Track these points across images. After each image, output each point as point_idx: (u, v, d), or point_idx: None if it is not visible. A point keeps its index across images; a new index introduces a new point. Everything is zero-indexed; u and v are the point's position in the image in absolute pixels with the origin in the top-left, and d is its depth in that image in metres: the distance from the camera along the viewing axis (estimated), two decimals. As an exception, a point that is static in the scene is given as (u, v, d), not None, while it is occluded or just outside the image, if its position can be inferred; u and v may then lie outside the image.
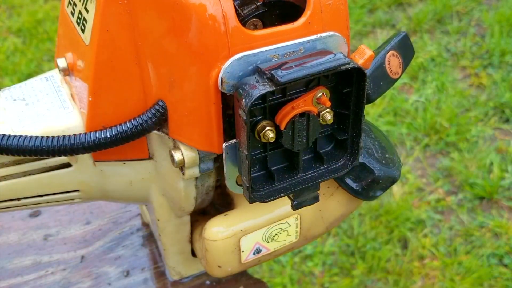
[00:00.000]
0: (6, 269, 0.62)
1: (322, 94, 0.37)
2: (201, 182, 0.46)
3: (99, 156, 0.43)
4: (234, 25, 0.35)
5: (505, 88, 1.71)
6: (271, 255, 0.51)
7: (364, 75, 0.37)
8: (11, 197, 0.45)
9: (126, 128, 0.40)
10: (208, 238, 0.47)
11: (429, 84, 1.74)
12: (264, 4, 0.39)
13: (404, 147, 1.54)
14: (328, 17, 0.38)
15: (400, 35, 0.49)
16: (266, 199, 0.39)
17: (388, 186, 0.47)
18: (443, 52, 1.88)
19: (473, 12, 2.06)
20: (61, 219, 0.68)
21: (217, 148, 0.39)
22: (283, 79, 0.34)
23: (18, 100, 0.44)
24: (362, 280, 1.23)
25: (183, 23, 0.35)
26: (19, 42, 1.99)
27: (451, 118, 1.60)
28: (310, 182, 0.41)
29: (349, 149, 0.41)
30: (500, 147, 1.54)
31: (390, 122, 1.61)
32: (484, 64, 1.83)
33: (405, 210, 1.36)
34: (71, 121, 0.42)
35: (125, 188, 0.47)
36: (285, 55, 0.36)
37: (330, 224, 0.52)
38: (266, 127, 0.37)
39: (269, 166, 0.40)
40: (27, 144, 0.39)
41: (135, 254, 0.63)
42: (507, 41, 1.87)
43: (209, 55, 0.35)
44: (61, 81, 0.46)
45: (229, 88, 0.36)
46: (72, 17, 0.43)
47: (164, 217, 0.51)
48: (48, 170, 0.44)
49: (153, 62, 0.39)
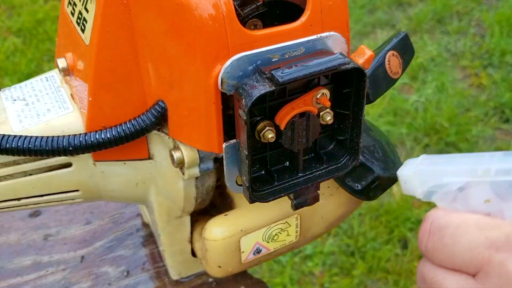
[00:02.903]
0: (6, 269, 0.62)
1: (322, 94, 0.37)
2: (201, 182, 0.46)
3: (99, 156, 0.43)
4: (234, 25, 0.35)
5: (505, 88, 1.71)
6: (271, 255, 0.51)
7: (364, 75, 0.37)
8: (11, 197, 0.45)
9: (126, 128, 0.40)
10: (208, 238, 0.47)
11: (429, 84, 1.74)
12: (264, 4, 0.39)
13: (404, 147, 1.54)
14: (328, 17, 0.38)
15: (400, 35, 0.49)
16: (266, 199, 0.39)
17: (388, 186, 0.47)
18: (443, 52, 1.88)
19: (473, 12, 2.06)
20: (61, 219, 0.68)
21: (217, 148, 0.39)
22: (283, 79, 0.34)
23: (18, 100, 0.44)
24: (362, 280, 1.23)
25: (183, 23, 0.35)
26: (19, 42, 1.99)
27: (451, 118, 1.60)
28: (310, 182, 0.41)
29: (349, 149, 0.41)
30: (500, 147, 1.53)
31: (390, 122, 1.61)
32: (484, 64, 1.83)
33: (405, 210, 1.36)
34: (71, 121, 0.42)
35: (125, 188, 0.47)
36: (285, 55, 0.36)
37: (330, 224, 0.52)
38: (266, 127, 0.37)
39: (269, 166, 0.40)
40: (27, 144, 0.39)
41: (135, 254, 0.63)
42: (507, 41, 1.87)
43: (209, 55, 0.35)
44: (61, 81, 0.46)
45: (229, 88, 0.36)
46: (72, 17, 0.43)
47: (164, 217, 0.51)
48: (48, 170, 0.44)
49: (153, 62, 0.39)
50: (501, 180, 0.35)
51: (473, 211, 0.36)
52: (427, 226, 0.37)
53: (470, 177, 0.36)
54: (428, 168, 0.38)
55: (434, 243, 0.37)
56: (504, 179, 0.35)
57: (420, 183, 0.38)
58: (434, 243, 0.37)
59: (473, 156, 0.37)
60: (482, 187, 0.36)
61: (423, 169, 0.39)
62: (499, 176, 0.35)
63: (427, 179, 0.38)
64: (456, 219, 0.36)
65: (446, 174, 0.37)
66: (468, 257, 0.35)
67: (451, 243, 0.36)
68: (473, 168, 0.36)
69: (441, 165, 0.38)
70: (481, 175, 0.36)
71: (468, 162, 0.37)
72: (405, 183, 0.40)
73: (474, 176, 0.36)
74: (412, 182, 0.39)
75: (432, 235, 0.37)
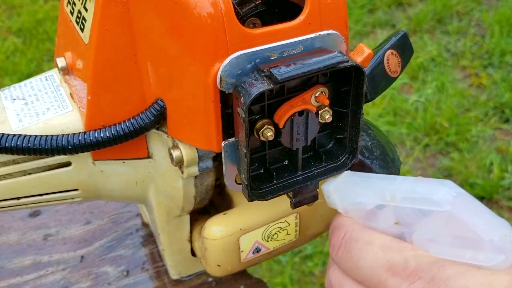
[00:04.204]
0: (6, 269, 0.62)
1: (321, 92, 0.37)
2: (200, 181, 0.46)
3: (99, 155, 0.43)
4: (232, 24, 0.35)
5: (505, 88, 1.71)
6: (271, 254, 0.51)
7: (363, 73, 0.37)
8: (11, 197, 0.45)
9: (125, 127, 0.40)
10: (207, 237, 0.47)
11: (429, 84, 1.74)
12: (263, 2, 0.39)
13: (404, 147, 1.55)
14: (327, 16, 0.38)
15: (399, 34, 0.49)
16: (265, 198, 0.39)
17: (387, 185, 0.47)
18: (443, 52, 1.88)
19: (473, 12, 2.06)
20: (61, 219, 0.68)
21: (216, 147, 0.39)
22: (282, 77, 0.34)
23: (17, 100, 0.44)
24: (362, 280, 1.23)
25: (182, 22, 0.36)
26: (19, 42, 1.99)
27: (451, 118, 1.60)
28: (309, 180, 0.41)
29: (348, 148, 0.41)
30: (500, 147, 1.54)
31: (390, 122, 1.61)
32: (484, 64, 1.83)
33: (405, 210, 1.35)
34: (71, 120, 0.42)
35: (125, 187, 0.47)
36: (283, 53, 0.36)
37: (330, 223, 0.52)
38: (265, 126, 0.37)
39: (268, 165, 0.40)
40: (27, 143, 0.39)
41: (135, 254, 0.63)
42: (507, 41, 1.87)
43: (207, 53, 0.35)
44: (61, 80, 0.46)
45: (228, 86, 0.36)
46: (71, 16, 0.43)
47: (163, 217, 0.51)
48: (47, 169, 0.44)
49: (152, 61, 0.39)
50: (404, 206, 0.37)
51: (384, 231, 0.38)
52: (341, 235, 0.40)
53: (380, 201, 0.38)
54: (346, 186, 0.41)
55: (343, 254, 0.39)
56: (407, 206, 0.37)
57: (340, 199, 0.41)
58: (343, 254, 0.39)
59: (387, 178, 0.39)
60: (390, 211, 0.38)
61: (342, 187, 0.41)
62: (404, 202, 0.37)
63: (345, 196, 0.40)
64: (366, 235, 0.38)
65: (360, 196, 0.40)
66: (369, 274, 0.37)
67: (357, 257, 0.38)
68: (382, 192, 0.38)
69: (358, 185, 0.40)
70: (388, 199, 0.38)
71: (381, 185, 0.39)
72: (327, 198, 0.42)
73: (383, 200, 0.38)
74: (332, 197, 0.41)
75: (342, 246, 0.39)
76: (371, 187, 0.39)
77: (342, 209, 0.41)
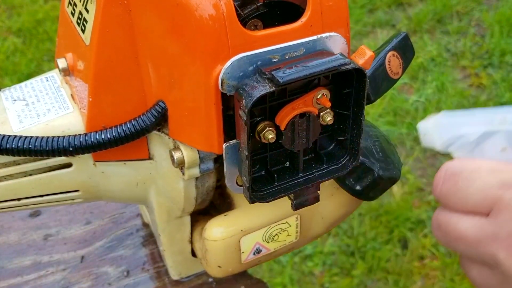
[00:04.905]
0: (6, 269, 0.62)
1: (322, 94, 0.37)
2: (201, 182, 0.46)
3: (99, 156, 0.43)
4: (234, 26, 0.35)
5: (505, 88, 1.71)
6: (271, 255, 0.51)
7: (364, 75, 0.37)
8: (11, 197, 0.45)
9: (126, 128, 0.40)
10: (208, 238, 0.47)
11: (429, 84, 1.74)
12: (265, 4, 0.39)
13: (404, 147, 1.55)
14: (329, 18, 0.38)
15: (401, 35, 0.49)
16: (267, 200, 0.39)
17: (388, 186, 0.47)
18: (443, 52, 1.88)
19: (473, 12, 2.06)
20: (61, 219, 0.68)
21: (217, 149, 0.39)
22: (284, 80, 0.34)
23: (18, 100, 0.44)
24: (362, 280, 1.23)
25: (183, 24, 0.35)
26: (19, 42, 1.99)
27: (451, 118, 1.60)
28: (310, 182, 0.41)
29: (349, 150, 0.41)
30: (500, 147, 1.53)
31: (390, 122, 1.61)
32: (484, 64, 1.83)
33: (405, 210, 1.36)
34: (72, 121, 0.42)
35: (125, 188, 0.47)
36: (285, 55, 0.36)
37: (330, 224, 0.52)
38: (266, 128, 0.37)
39: (270, 167, 0.40)
40: (27, 145, 0.39)
41: (135, 254, 0.63)
42: (507, 41, 1.87)
43: (209, 55, 0.35)
44: (61, 81, 0.46)
45: (229, 88, 0.36)
46: (72, 17, 0.43)
47: (164, 217, 0.51)
48: (48, 171, 0.44)
49: (153, 63, 0.39)
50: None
51: (489, 159, 0.37)
52: (442, 173, 0.38)
53: (487, 127, 0.37)
54: (447, 120, 0.39)
55: (449, 188, 0.38)
56: None
57: (439, 135, 0.39)
58: (448, 188, 0.38)
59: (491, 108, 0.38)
60: (499, 136, 0.37)
61: (442, 121, 0.39)
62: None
63: (445, 130, 0.39)
64: (470, 165, 0.37)
65: (464, 125, 0.38)
66: (481, 197, 0.36)
67: (464, 186, 0.37)
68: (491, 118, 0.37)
69: (459, 117, 0.39)
70: (497, 124, 0.36)
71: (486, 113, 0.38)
72: (424, 135, 0.40)
73: (491, 125, 0.37)
74: (431, 134, 0.40)
75: (446, 181, 0.38)
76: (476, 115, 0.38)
77: (440, 145, 0.39)
